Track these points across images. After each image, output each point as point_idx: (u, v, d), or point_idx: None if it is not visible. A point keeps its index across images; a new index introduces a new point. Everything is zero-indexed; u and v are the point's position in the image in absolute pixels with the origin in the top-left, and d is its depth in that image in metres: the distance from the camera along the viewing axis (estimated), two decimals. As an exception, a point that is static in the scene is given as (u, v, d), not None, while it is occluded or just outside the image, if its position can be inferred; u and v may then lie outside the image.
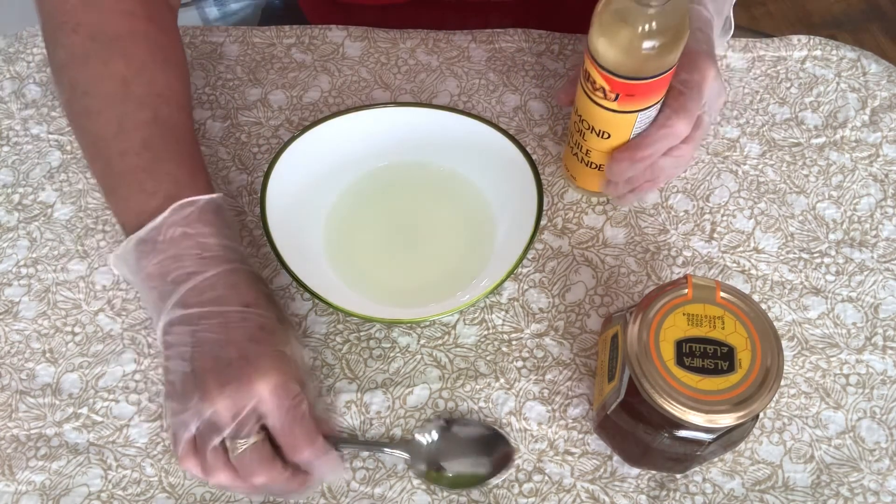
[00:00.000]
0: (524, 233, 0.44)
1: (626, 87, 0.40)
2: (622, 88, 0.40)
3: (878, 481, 0.42)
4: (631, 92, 0.41)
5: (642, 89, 0.40)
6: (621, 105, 0.41)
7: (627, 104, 0.41)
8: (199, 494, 0.42)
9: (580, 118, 0.45)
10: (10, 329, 0.47)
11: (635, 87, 0.40)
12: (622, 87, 0.40)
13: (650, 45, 0.38)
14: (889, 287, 0.47)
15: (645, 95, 0.41)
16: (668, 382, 0.34)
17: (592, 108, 0.43)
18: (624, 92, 0.41)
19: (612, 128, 0.43)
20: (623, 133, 0.44)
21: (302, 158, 0.48)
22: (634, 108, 0.42)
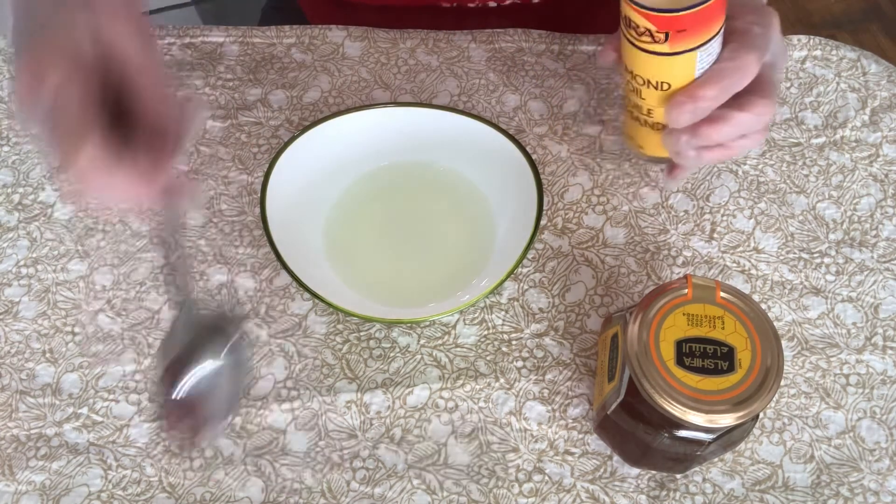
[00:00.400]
0: (524, 233, 0.44)
1: (674, 21, 0.35)
2: (670, 24, 0.35)
3: (878, 481, 0.42)
4: (681, 26, 0.35)
5: (693, 20, 0.35)
6: (674, 45, 0.36)
7: (680, 42, 0.36)
8: (199, 494, 0.42)
9: (632, 74, 0.40)
10: (10, 329, 0.47)
11: (685, 20, 0.35)
12: (670, 23, 0.35)
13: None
14: (889, 287, 0.47)
15: (698, 28, 0.36)
16: (668, 382, 0.34)
17: (643, 58, 0.38)
18: (673, 28, 0.36)
19: (670, 76, 0.38)
20: (684, 79, 0.38)
21: (302, 158, 0.48)
22: (690, 46, 0.36)
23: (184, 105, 0.35)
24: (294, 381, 0.45)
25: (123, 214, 0.50)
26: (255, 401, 0.44)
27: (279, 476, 0.42)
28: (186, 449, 0.41)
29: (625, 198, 0.51)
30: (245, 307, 0.47)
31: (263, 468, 0.43)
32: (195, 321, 0.39)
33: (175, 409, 0.38)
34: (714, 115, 0.38)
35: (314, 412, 0.44)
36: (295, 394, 0.45)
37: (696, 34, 0.36)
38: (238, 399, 0.43)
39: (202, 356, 0.39)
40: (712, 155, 0.40)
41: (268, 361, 0.46)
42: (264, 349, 0.46)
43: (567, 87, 0.55)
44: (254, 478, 0.42)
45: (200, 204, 0.37)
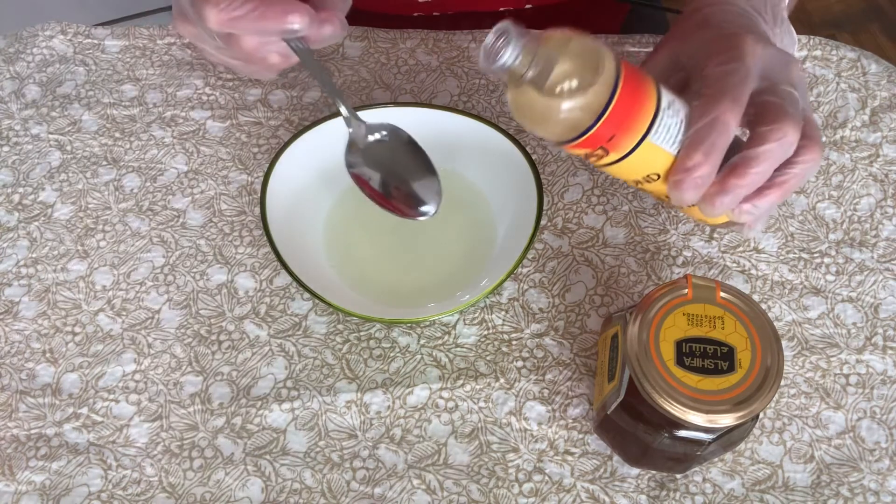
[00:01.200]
0: (524, 233, 0.44)
1: (591, 140, 0.35)
2: (591, 143, 0.35)
3: (878, 481, 0.42)
4: (607, 135, 0.34)
5: (609, 128, 0.34)
6: (617, 151, 0.35)
7: (621, 146, 0.35)
8: (200, 494, 0.42)
9: (626, 183, 0.39)
10: (10, 329, 0.47)
11: (598, 135, 0.34)
12: (590, 143, 0.35)
13: (560, 95, 0.33)
14: (889, 287, 0.47)
15: (624, 128, 0.35)
16: (668, 382, 0.34)
17: (613, 171, 0.37)
18: (602, 141, 0.35)
19: (646, 169, 0.37)
20: (663, 163, 0.36)
21: (302, 158, 0.48)
22: (633, 143, 0.35)
23: None
24: (294, 381, 0.45)
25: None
26: (255, 401, 0.44)
27: (279, 476, 0.42)
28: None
29: (625, 198, 0.51)
30: (245, 307, 0.47)
31: (263, 468, 0.43)
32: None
33: None
34: (731, 165, 0.36)
35: (314, 412, 0.44)
36: (295, 394, 0.45)
37: (629, 132, 0.35)
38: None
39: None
40: (768, 198, 0.37)
41: (268, 361, 0.46)
42: (264, 349, 0.46)
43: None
44: (254, 478, 0.42)
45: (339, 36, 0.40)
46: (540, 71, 0.34)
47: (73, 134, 0.54)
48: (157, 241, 0.50)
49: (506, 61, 0.34)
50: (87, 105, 0.55)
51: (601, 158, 0.36)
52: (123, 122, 0.55)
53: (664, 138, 0.36)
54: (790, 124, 0.35)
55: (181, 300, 0.48)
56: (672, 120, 0.36)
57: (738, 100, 0.35)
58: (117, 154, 0.53)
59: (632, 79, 0.35)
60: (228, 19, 0.36)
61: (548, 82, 0.34)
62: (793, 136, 0.35)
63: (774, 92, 0.37)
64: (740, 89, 0.36)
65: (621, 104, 0.34)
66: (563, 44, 0.34)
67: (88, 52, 0.58)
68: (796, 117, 0.36)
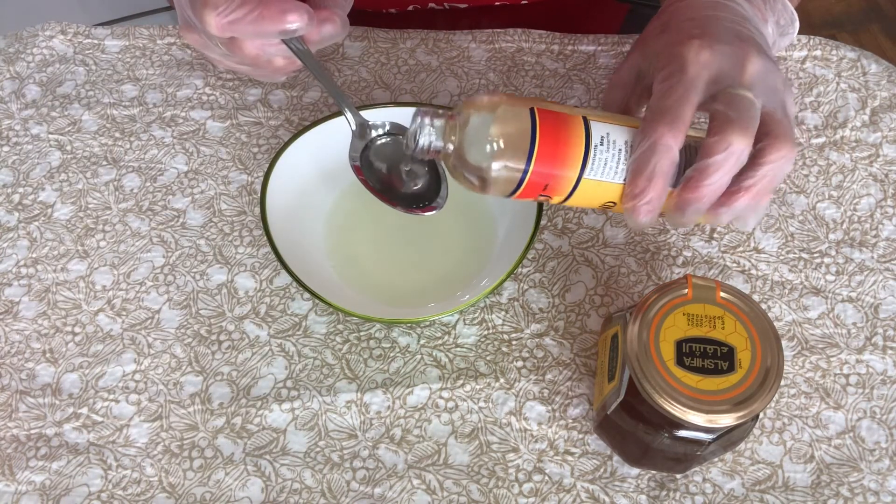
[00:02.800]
0: (524, 233, 0.44)
1: (525, 192, 0.36)
2: (531, 192, 0.36)
3: (878, 481, 0.42)
4: (537, 188, 0.36)
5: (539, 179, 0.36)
6: (559, 195, 0.37)
7: (559, 190, 0.36)
8: (200, 494, 0.42)
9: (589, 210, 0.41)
10: (10, 329, 0.47)
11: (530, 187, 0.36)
12: (530, 191, 0.36)
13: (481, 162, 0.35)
14: (889, 287, 0.47)
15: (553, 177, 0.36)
16: (668, 382, 0.34)
17: (571, 205, 0.39)
18: (535, 193, 0.36)
19: (596, 201, 0.38)
20: (610, 193, 0.37)
21: (302, 158, 0.48)
22: (571, 184, 0.36)
23: None
24: (294, 381, 0.45)
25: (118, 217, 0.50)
26: (255, 401, 0.44)
27: (279, 476, 0.42)
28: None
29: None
30: (245, 307, 0.47)
31: (263, 468, 0.43)
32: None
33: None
34: (686, 179, 0.36)
35: (314, 412, 0.44)
36: (295, 394, 0.45)
37: (560, 180, 0.36)
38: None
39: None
40: (740, 202, 0.36)
41: (268, 361, 0.46)
42: (264, 349, 0.46)
43: (567, 87, 0.55)
44: (254, 478, 0.42)
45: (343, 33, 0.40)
46: (458, 144, 0.36)
47: (73, 134, 0.54)
48: (157, 241, 0.50)
49: (423, 145, 0.37)
50: (87, 105, 0.55)
51: (549, 201, 0.38)
52: (123, 122, 0.55)
53: (602, 172, 0.36)
54: (733, 132, 0.34)
55: (181, 300, 0.48)
56: (608, 154, 0.36)
57: (678, 119, 0.35)
58: (117, 154, 0.53)
59: (550, 128, 0.35)
60: (227, 23, 0.37)
61: (467, 154, 0.36)
62: (738, 143, 0.34)
63: (721, 98, 0.36)
64: (679, 107, 0.35)
65: (543, 154, 0.35)
66: (476, 113, 0.36)
67: (88, 52, 0.58)
68: (742, 122, 0.35)
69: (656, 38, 0.40)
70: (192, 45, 0.42)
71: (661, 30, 0.41)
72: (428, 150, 0.37)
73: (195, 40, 0.41)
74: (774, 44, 0.46)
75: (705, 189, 0.35)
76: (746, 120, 0.35)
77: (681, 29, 0.38)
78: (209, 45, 0.40)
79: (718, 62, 0.36)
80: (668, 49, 0.37)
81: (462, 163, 0.37)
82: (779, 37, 0.47)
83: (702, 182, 0.35)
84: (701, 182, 0.35)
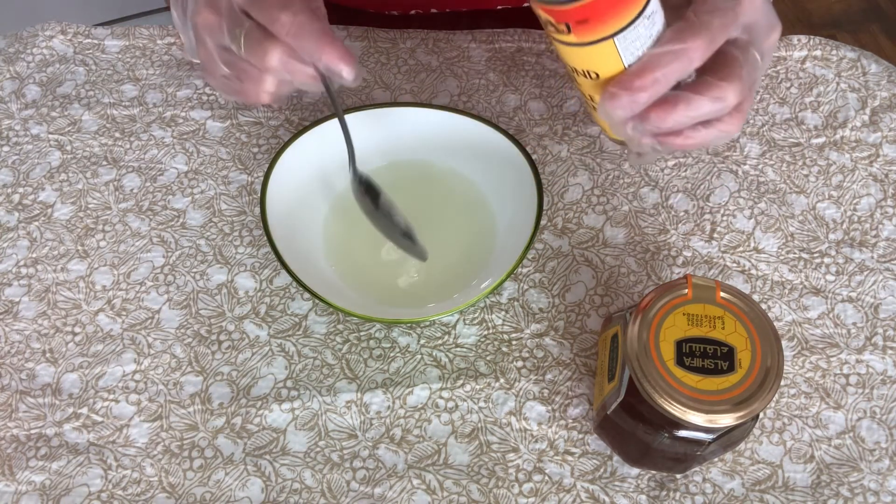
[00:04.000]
0: (524, 233, 0.44)
1: (566, 13, 0.32)
2: (564, 16, 0.32)
3: (878, 481, 0.42)
4: (578, 17, 0.32)
5: (591, 11, 0.32)
6: (581, 36, 0.33)
7: (587, 33, 0.33)
8: (200, 494, 0.42)
9: (564, 63, 0.38)
10: (10, 329, 0.47)
11: (578, 11, 0.32)
12: (564, 15, 0.32)
13: None
14: (889, 287, 0.47)
15: (603, 17, 0.32)
16: (668, 382, 0.34)
17: (560, 48, 0.35)
18: (571, 19, 0.32)
19: (592, 65, 0.35)
20: (611, 68, 0.34)
21: (302, 158, 0.48)
22: (600, 36, 0.33)
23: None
24: (294, 381, 0.45)
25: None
26: (255, 401, 0.44)
27: (279, 476, 0.42)
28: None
29: (625, 198, 0.51)
30: (245, 307, 0.47)
31: (263, 468, 0.43)
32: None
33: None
34: (664, 98, 0.34)
35: (314, 412, 0.44)
36: (295, 394, 0.45)
37: (602, 24, 0.32)
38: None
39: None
40: (672, 143, 0.36)
41: (268, 361, 0.46)
42: (264, 349, 0.46)
43: (567, 87, 0.55)
44: (254, 478, 0.42)
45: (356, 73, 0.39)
46: None
47: (73, 134, 0.54)
48: (157, 241, 0.50)
49: None
50: (87, 105, 0.55)
51: (560, 34, 0.34)
52: (123, 122, 0.55)
53: (628, 46, 0.33)
54: (735, 90, 0.34)
55: (181, 300, 0.48)
56: (646, 31, 0.34)
57: (714, 41, 0.33)
58: (117, 154, 0.53)
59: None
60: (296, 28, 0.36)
61: None
62: (732, 101, 0.34)
63: (744, 50, 0.35)
64: (721, 32, 0.34)
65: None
66: None
67: (88, 52, 0.58)
68: (745, 86, 0.34)
69: None
70: (204, 26, 0.39)
71: None
72: None
73: (211, 21, 0.39)
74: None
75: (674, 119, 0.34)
76: (749, 84, 0.35)
77: None
78: (222, 34, 0.39)
79: (762, 14, 0.35)
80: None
81: None
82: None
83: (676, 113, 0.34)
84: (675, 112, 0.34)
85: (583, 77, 0.36)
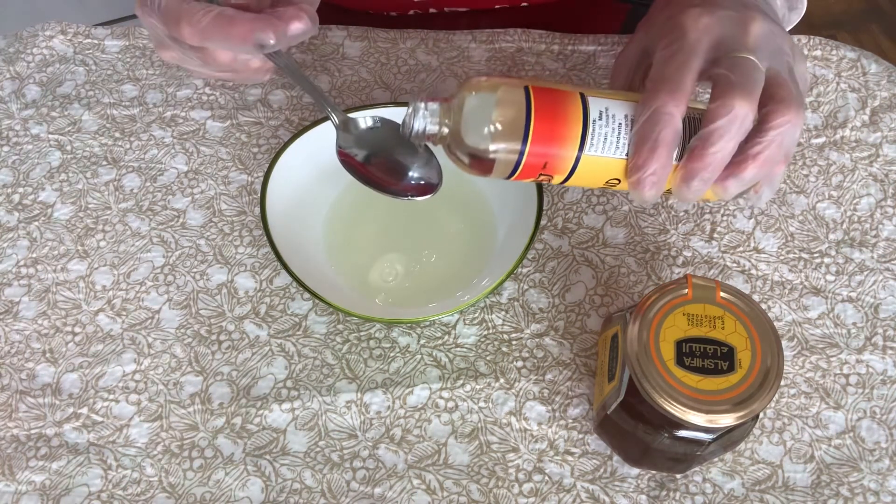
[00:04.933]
0: (524, 233, 0.44)
1: (529, 170, 0.36)
2: (530, 172, 0.36)
3: (878, 481, 0.42)
4: (538, 165, 0.35)
5: (538, 156, 0.35)
6: (559, 172, 0.36)
7: (559, 167, 0.36)
8: (200, 494, 0.42)
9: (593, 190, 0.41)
10: (10, 329, 0.47)
11: (532, 163, 0.35)
12: (529, 172, 0.36)
13: (477, 145, 0.34)
14: (889, 287, 0.47)
15: (551, 152, 0.35)
16: (668, 382, 0.34)
17: (573, 184, 0.38)
18: (539, 170, 0.36)
19: (599, 178, 0.37)
20: (613, 168, 0.36)
21: (302, 158, 0.48)
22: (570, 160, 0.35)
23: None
24: (294, 381, 0.45)
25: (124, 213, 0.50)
26: (255, 401, 0.44)
27: (279, 476, 0.42)
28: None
29: (625, 198, 0.51)
30: (245, 307, 0.47)
31: (263, 468, 0.43)
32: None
33: None
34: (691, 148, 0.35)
35: (314, 412, 0.44)
36: (295, 394, 0.45)
37: (559, 158, 0.35)
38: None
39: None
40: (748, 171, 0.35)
41: (268, 361, 0.46)
42: (264, 349, 0.46)
43: (567, 87, 0.55)
44: (254, 478, 0.42)
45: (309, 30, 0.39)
46: (454, 128, 0.36)
47: (73, 134, 0.54)
48: (157, 241, 0.50)
49: (418, 129, 0.37)
50: (87, 105, 0.55)
51: (550, 180, 0.37)
52: (123, 122, 0.55)
53: (603, 148, 0.35)
54: (735, 96, 0.33)
55: (181, 300, 0.48)
56: (608, 128, 0.35)
57: (679, 86, 0.34)
58: (117, 154, 0.53)
59: (546, 106, 0.35)
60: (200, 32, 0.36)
61: (463, 136, 0.35)
62: (741, 106, 0.33)
63: (723, 62, 0.35)
64: (680, 74, 0.34)
65: (539, 133, 0.34)
66: (469, 95, 0.35)
67: (88, 52, 0.58)
68: (744, 85, 0.34)
69: (659, 13, 0.39)
70: (169, 61, 0.41)
71: (664, 5, 0.40)
72: (423, 135, 0.37)
73: (171, 56, 0.41)
74: (784, 17, 0.44)
75: (710, 157, 0.34)
76: (749, 83, 0.34)
77: (682, 1, 0.37)
78: (185, 58, 0.41)
79: (719, 26, 0.35)
80: (669, 20, 0.36)
81: (458, 145, 0.36)
82: (787, 11, 0.45)
83: (706, 150, 0.34)
84: (705, 150, 0.34)
85: (614, 187, 0.38)
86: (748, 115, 0.34)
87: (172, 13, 0.36)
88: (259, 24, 0.36)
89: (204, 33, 0.36)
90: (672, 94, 0.34)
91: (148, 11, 0.38)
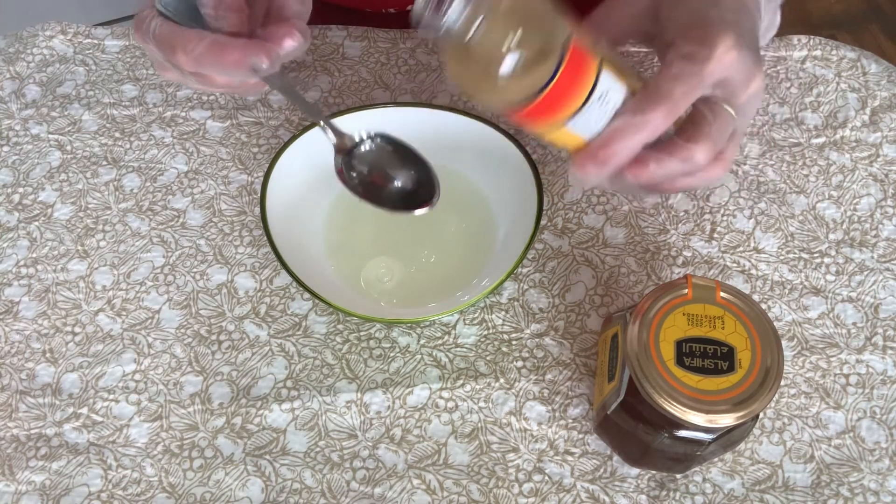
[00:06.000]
0: (524, 233, 0.44)
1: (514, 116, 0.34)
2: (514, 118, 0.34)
3: (878, 481, 0.42)
4: (526, 118, 0.34)
5: (535, 112, 0.33)
6: (533, 128, 0.35)
7: (538, 126, 0.35)
8: (200, 494, 0.42)
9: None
10: (10, 329, 0.47)
11: (524, 115, 0.34)
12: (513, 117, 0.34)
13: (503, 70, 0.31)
14: (889, 287, 0.47)
15: (546, 114, 0.33)
16: (668, 382, 0.34)
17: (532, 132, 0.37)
18: (520, 119, 0.34)
19: (556, 142, 0.36)
20: (573, 144, 0.36)
21: (302, 158, 0.48)
22: (551, 126, 0.34)
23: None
24: (294, 381, 0.45)
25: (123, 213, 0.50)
26: (255, 401, 0.44)
27: (279, 476, 0.42)
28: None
29: (625, 198, 0.51)
30: (245, 307, 0.47)
31: (263, 468, 0.43)
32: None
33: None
34: (638, 158, 0.35)
35: (314, 412, 0.44)
36: (295, 394, 0.45)
37: (548, 121, 0.34)
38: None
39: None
40: (658, 189, 0.38)
41: (268, 361, 0.46)
42: (264, 349, 0.46)
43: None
44: (254, 478, 0.42)
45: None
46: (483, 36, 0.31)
47: (73, 134, 0.54)
48: (157, 241, 0.50)
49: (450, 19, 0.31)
50: (87, 105, 0.55)
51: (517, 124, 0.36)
52: (123, 122, 0.55)
53: (582, 127, 0.34)
54: (704, 150, 0.35)
55: (181, 300, 0.48)
56: (599, 111, 0.34)
57: (676, 108, 0.34)
58: (117, 154, 0.53)
59: (573, 71, 0.33)
60: (195, 60, 0.37)
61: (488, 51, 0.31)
62: (702, 159, 0.35)
63: (714, 109, 0.35)
64: (684, 99, 0.34)
65: (555, 92, 0.32)
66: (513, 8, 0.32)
67: (88, 52, 0.58)
68: (716, 142, 0.35)
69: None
70: (170, 80, 0.42)
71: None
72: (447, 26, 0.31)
73: (171, 77, 0.41)
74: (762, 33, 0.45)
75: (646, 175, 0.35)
76: (720, 140, 0.35)
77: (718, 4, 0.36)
78: (185, 79, 0.41)
79: (736, 68, 0.35)
80: (700, 26, 0.35)
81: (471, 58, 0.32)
82: (764, 29, 0.45)
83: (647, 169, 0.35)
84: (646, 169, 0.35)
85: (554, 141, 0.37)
86: (700, 166, 0.35)
87: (167, 41, 0.37)
88: (251, 50, 0.37)
89: (199, 61, 0.37)
90: (667, 115, 0.34)
91: (144, 38, 0.39)
